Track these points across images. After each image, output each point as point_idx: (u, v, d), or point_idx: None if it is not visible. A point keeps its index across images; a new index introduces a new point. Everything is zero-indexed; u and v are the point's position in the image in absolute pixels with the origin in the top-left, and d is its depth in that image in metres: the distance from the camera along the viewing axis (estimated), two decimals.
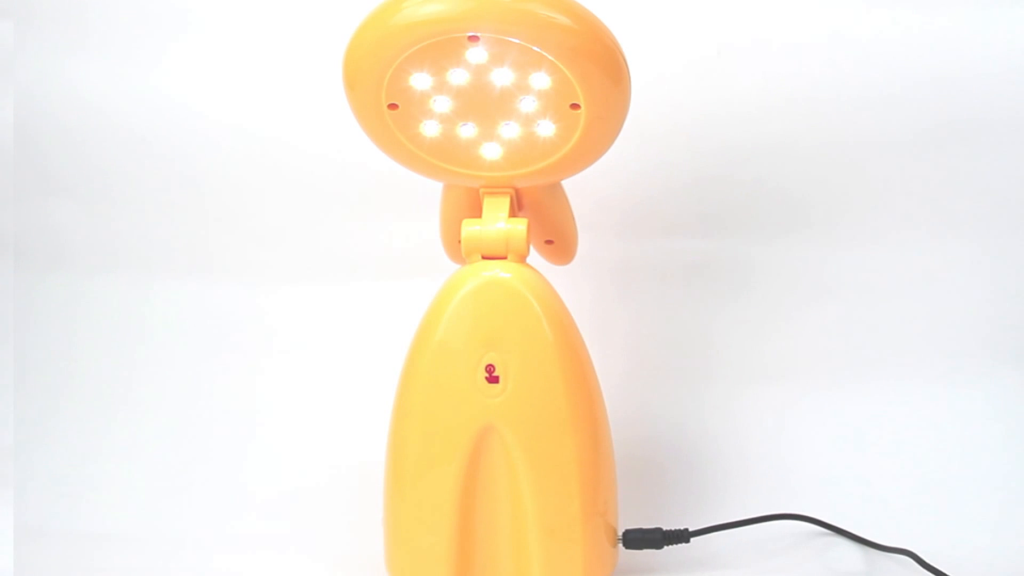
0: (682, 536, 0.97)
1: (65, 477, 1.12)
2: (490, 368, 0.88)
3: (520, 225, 0.90)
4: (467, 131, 0.89)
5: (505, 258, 0.90)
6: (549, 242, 0.98)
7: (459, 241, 0.91)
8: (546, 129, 0.88)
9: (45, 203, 1.19)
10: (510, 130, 0.89)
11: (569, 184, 0.95)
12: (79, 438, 1.14)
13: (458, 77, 0.86)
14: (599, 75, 0.85)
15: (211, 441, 1.13)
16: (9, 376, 1.17)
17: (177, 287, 1.18)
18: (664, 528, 0.97)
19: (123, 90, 1.17)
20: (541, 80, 0.86)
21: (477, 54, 0.85)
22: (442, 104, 0.88)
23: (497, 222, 0.90)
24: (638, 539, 0.96)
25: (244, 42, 1.16)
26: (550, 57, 0.84)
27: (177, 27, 1.16)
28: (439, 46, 0.84)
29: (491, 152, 0.90)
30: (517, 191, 0.92)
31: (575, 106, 0.86)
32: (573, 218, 0.97)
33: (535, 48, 0.83)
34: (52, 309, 1.19)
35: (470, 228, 0.90)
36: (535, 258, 0.95)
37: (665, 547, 0.97)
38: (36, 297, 1.19)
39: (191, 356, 1.16)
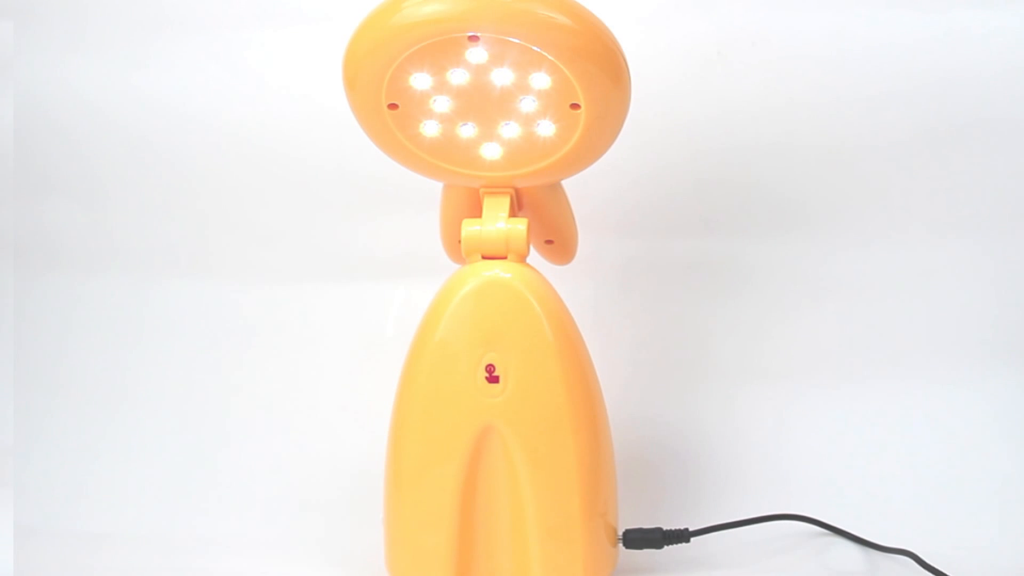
0: (682, 536, 0.97)
1: (65, 477, 1.12)
2: (490, 368, 0.88)
3: (520, 225, 0.90)
4: (467, 131, 0.89)
5: (505, 258, 0.90)
6: (549, 242, 0.98)
7: (459, 241, 0.91)
8: (546, 129, 0.88)
9: (44, 203, 1.19)
10: (510, 130, 0.89)
11: (569, 184, 0.95)
12: (79, 438, 1.14)
13: (458, 77, 0.86)
14: (599, 75, 0.85)
15: (210, 441, 1.13)
16: (9, 376, 1.17)
17: (175, 287, 1.17)
18: (664, 528, 0.97)
19: (122, 90, 1.17)
20: (541, 80, 0.86)
21: (477, 54, 0.85)
22: (442, 104, 0.88)
23: (497, 222, 0.90)
24: (638, 539, 0.96)
25: (243, 42, 1.16)
26: (550, 57, 0.84)
27: (176, 27, 1.16)
28: (439, 46, 0.84)
29: (491, 152, 0.90)
30: (517, 191, 0.92)
31: (575, 106, 0.86)
32: (573, 218, 0.97)
33: (535, 48, 0.83)
34: (51, 309, 1.19)
35: (470, 228, 0.90)
36: (535, 258, 0.95)
37: (665, 547, 0.97)
38: (35, 297, 1.19)
39: (190, 356, 1.16)
